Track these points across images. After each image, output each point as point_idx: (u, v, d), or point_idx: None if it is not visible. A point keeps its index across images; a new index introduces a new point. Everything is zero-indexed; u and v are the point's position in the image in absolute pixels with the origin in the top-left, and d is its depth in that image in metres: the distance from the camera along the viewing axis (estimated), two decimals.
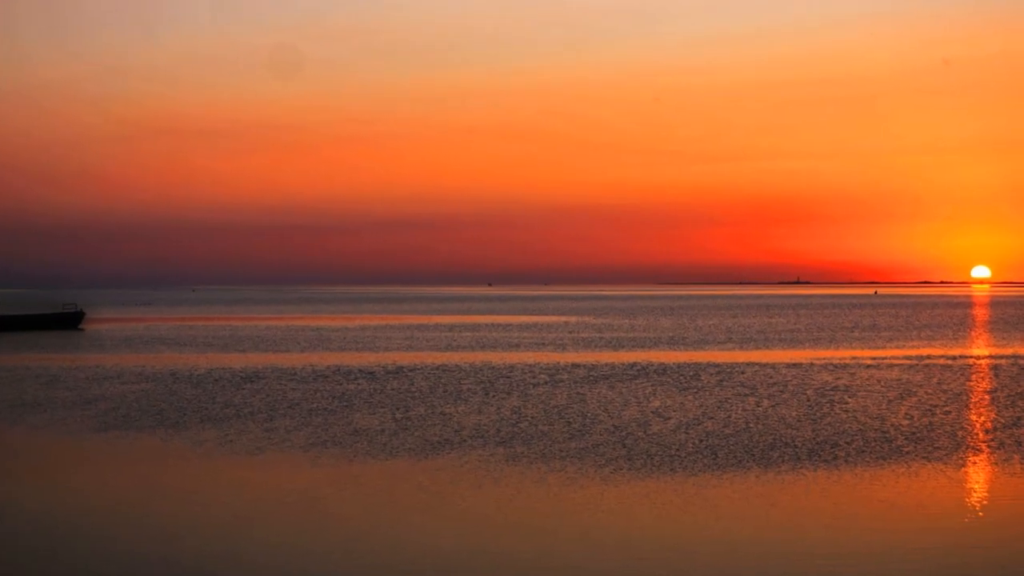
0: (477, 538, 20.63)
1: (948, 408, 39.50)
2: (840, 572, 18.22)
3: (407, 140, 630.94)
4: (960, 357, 65.19)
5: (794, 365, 58.98)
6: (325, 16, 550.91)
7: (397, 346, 78.27)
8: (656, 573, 18.31)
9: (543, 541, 20.33)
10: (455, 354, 69.17)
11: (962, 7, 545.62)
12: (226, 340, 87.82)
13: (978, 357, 65.57)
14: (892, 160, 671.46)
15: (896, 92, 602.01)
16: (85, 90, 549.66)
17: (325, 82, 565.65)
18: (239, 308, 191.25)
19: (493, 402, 42.12)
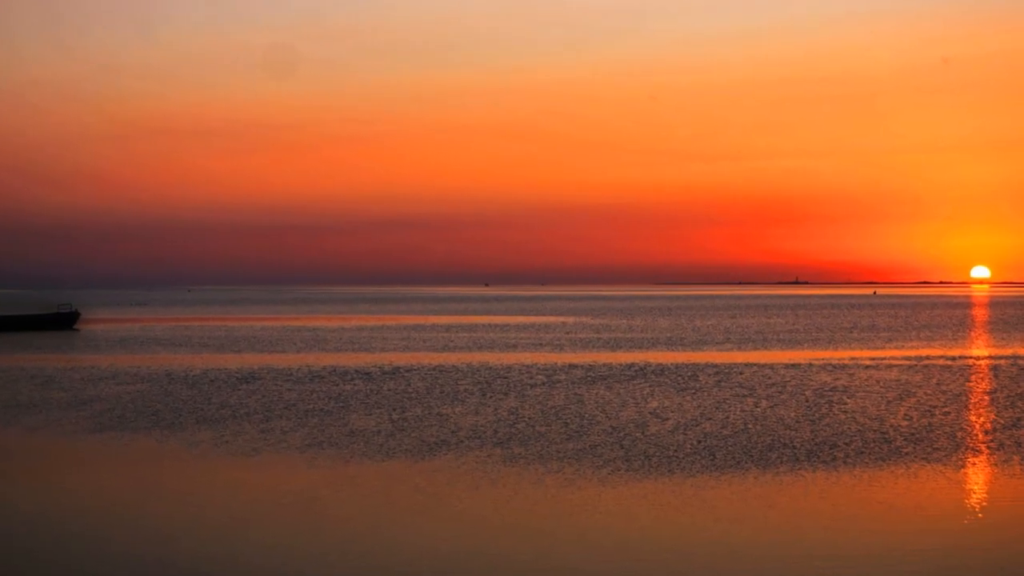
0: (474, 540, 20.57)
1: (947, 409, 39.44)
2: (839, 574, 18.14)
3: (404, 140, 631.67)
4: (959, 358, 65.18)
5: (793, 366, 58.93)
6: (322, 15, 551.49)
7: (394, 347, 78.19)
8: (654, 575, 18.25)
9: (541, 543, 20.27)
10: (452, 355, 69.10)
11: (961, 6, 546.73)
12: (222, 341, 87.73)
13: (977, 358, 65.56)
14: (891, 159, 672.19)
15: (895, 91, 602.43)
16: (80, 89, 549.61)
17: (322, 81, 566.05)
18: (235, 308, 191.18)
19: (490, 403, 42.04)
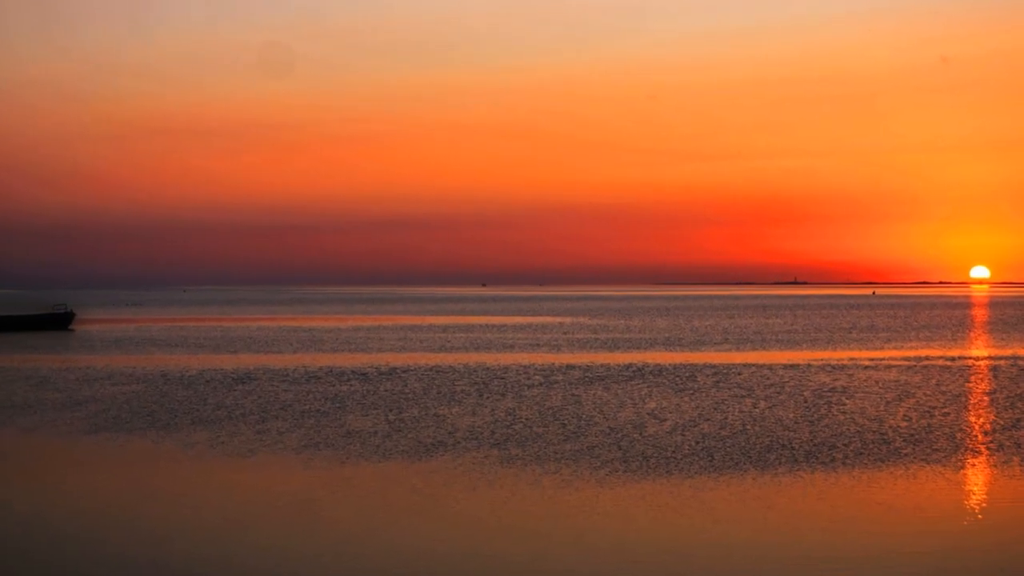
0: (471, 541, 20.49)
1: (947, 410, 39.36)
2: None
3: (402, 139, 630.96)
4: (959, 358, 65.13)
5: (791, 366, 58.86)
6: (318, 14, 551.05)
7: (390, 347, 78.12)
8: None
9: (538, 544, 20.19)
10: (449, 355, 69.02)
11: (961, 5, 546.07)
12: (218, 341, 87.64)
13: (977, 358, 65.52)
14: (890, 159, 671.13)
15: (894, 90, 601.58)
16: (77, 89, 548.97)
17: (319, 81, 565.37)
18: (231, 309, 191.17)
19: (487, 404, 41.95)
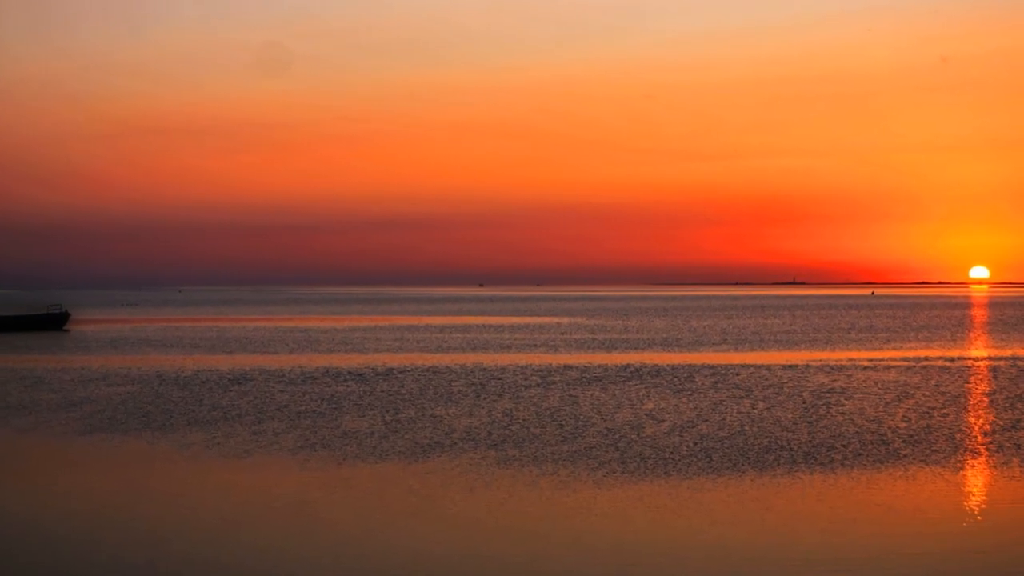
0: (468, 542, 20.41)
1: (946, 411, 39.30)
2: None
3: (397, 138, 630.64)
4: (958, 359, 65.10)
5: (790, 367, 58.82)
6: (314, 13, 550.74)
7: (387, 347, 78.05)
8: None
9: (535, 545, 20.11)
10: (446, 356, 68.96)
11: (960, 4, 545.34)
12: (213, 341, 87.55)
13: (976, 359, 65.49)
14: (889, 158, 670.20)
15: (893, 89, 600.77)
16: (71, 88, 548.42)
17: (315, 80, 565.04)
18: (227, 309, 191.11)
19: (484, 404, 41.88)
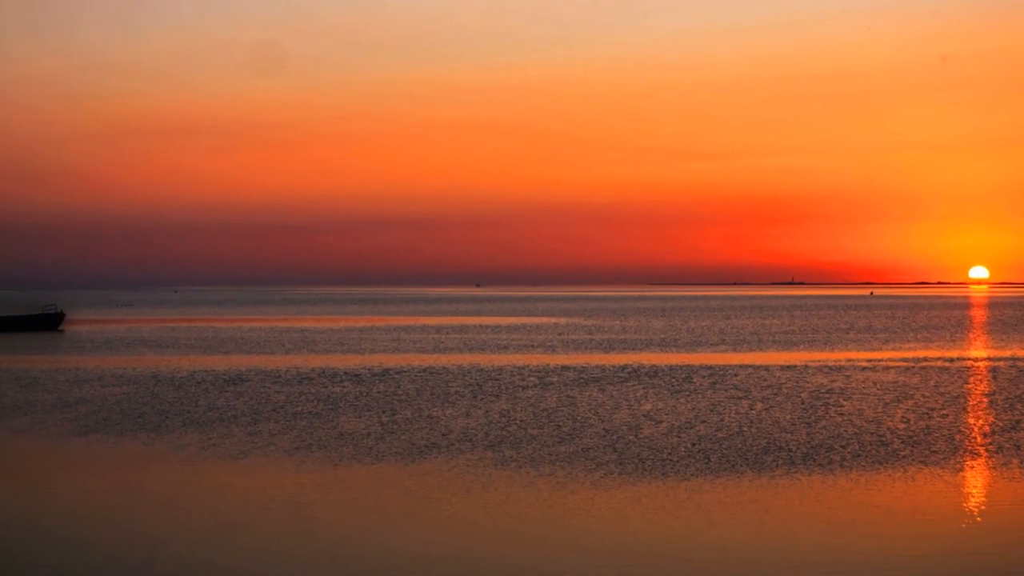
0: (465, 544, 20.34)
1: (945, 411, 39.25)
2: None
3: (394, 138, 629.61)
4: (958, 359, 65.07)
5: (788, 367, 58.78)
6: (310, 12, 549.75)
7: (383, 348, 77.99)
8: None
9: (533, 547, 20.05)
10: (443, 356, 68.91)
11: (960, 3, 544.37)
12: (209, 342, 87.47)
13: (976, 359, 65.46)
14: (888, 157, 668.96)
15: (892, 88, 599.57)
16: (67, 87, 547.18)
17: (311, 79, 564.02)
18: (222, 309, 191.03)
19: (481, 405, 41.81)
